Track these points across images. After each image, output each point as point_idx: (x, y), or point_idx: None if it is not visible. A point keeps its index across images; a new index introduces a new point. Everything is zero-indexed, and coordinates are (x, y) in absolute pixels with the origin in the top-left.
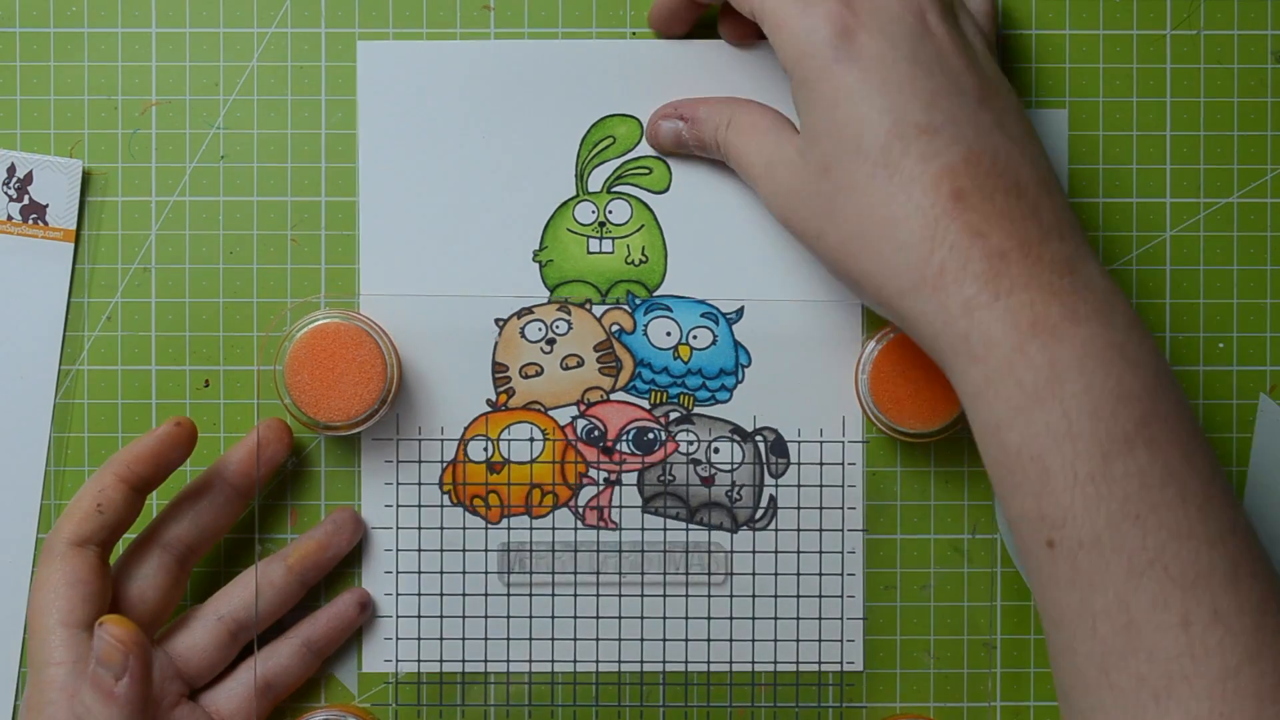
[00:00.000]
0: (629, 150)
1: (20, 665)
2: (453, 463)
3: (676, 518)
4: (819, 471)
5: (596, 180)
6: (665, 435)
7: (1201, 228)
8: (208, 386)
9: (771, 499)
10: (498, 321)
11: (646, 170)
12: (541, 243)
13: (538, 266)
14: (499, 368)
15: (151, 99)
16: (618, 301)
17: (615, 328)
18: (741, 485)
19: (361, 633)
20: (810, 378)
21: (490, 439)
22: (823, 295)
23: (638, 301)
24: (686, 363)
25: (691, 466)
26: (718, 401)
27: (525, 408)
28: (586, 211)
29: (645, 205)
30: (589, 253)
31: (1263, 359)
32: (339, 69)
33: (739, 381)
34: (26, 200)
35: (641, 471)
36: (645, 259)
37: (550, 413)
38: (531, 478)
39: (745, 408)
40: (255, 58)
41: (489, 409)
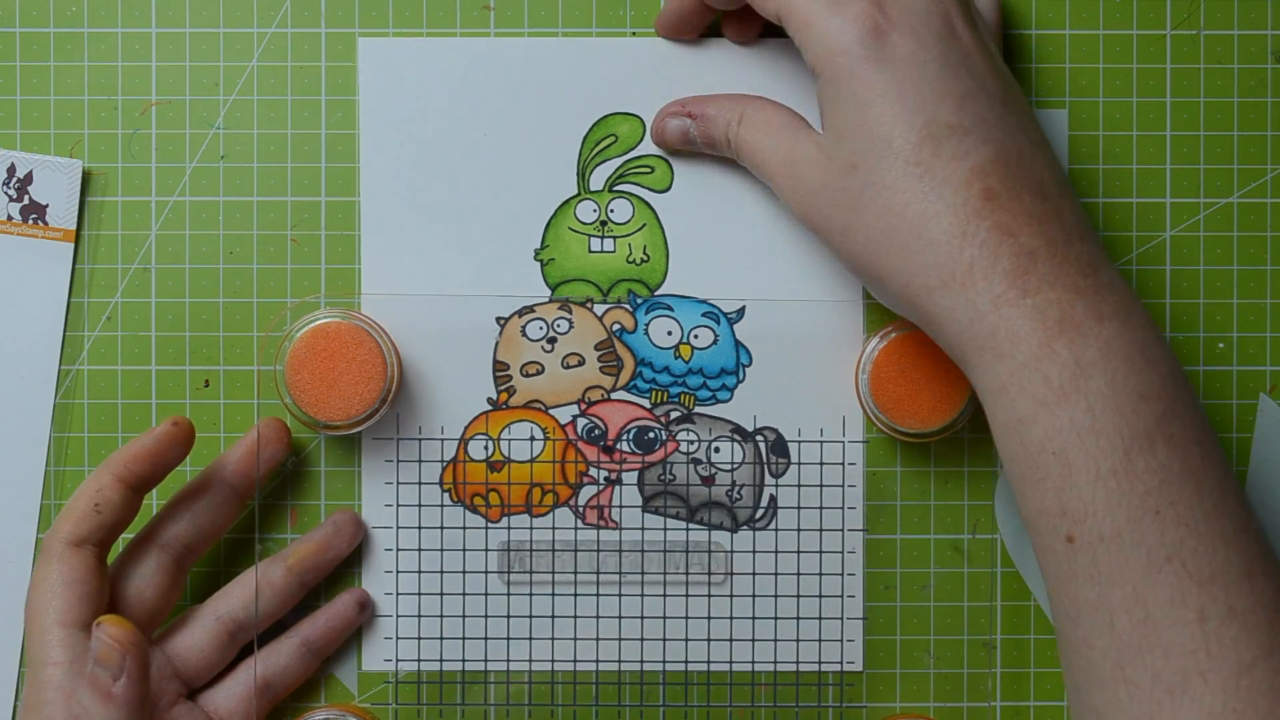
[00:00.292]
0: (631, 149)
1: (20, 665)
2: (453, 462)
3: (676, 518)
4: (819, 471)
5: (598, 179)
6: (666, 435)
7: (1201, 228)
8: (208, 386)
9: (772, 499)
10: (499, 320)
11: (648, 169)
12: (543, 241)
13: (539, 265)
14: (500, 366)
15: (151, 99)
16: (619, 300)
17: (616, 327)
18: (741, 485)
19: (361, 632)
20: (811, 378)
21: (491, 438)
22: (824, 295)
23: (639, 300)
24: (687, 362)
25: (691, 466)
26: (718, 401)
27: (526, 406)
28: (588, 210)
29: (647, 204)
30: (590, 252)
31: (1263, 359)
32: (339, 69)
33: (740, 381)
34: (26, 200)
35: (641, 471)
36: (647, 258)
37: (551, 412)
38: (532, 477)
39: (746, 407)
40: (255, 58)
41: (490, 408)
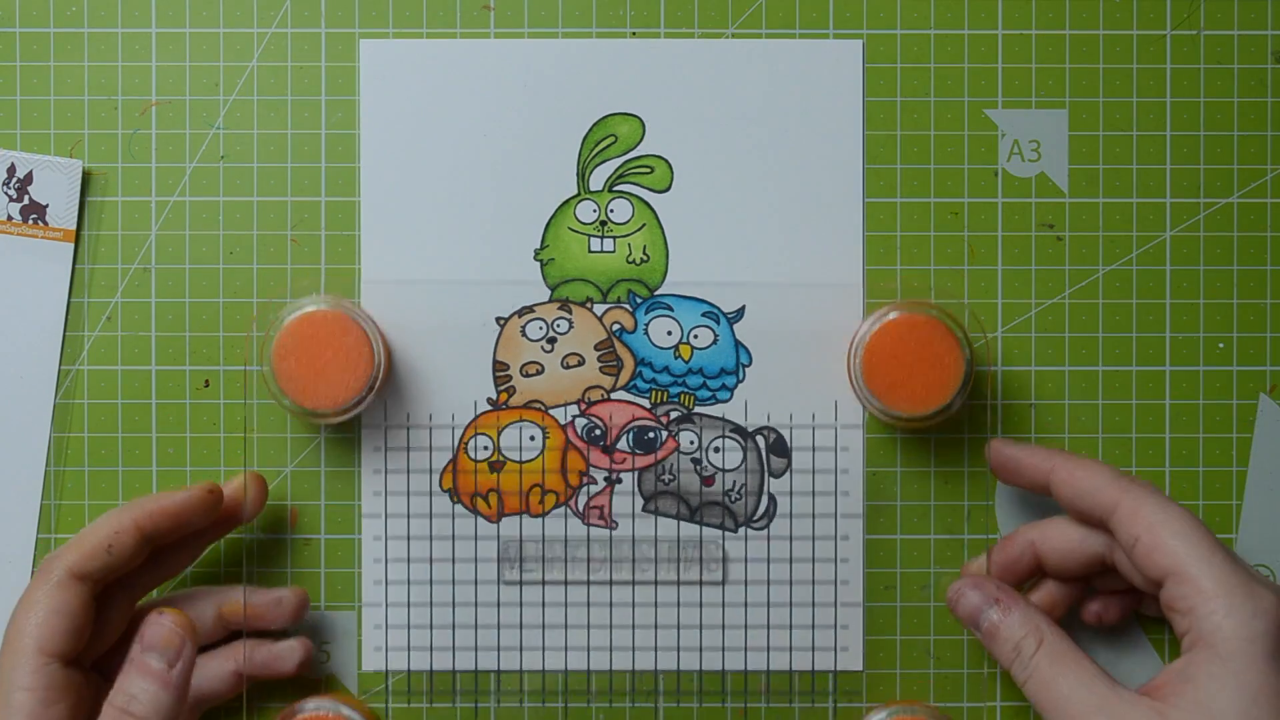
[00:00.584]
0: (631, 149)
1: None
2: (453, 461)
3: (676, 518)
4: (815, 460)
5: (598, 179)
6: (666, 434)
7: (1201, 228)
8: (208, 386)
9: (771, 499)
10: (499, 320)
11: (648, 169)
12: (543, 241)
13: (539, 265)
14: (500, 366)
15: (151, 99)
16: (619, 300)
17: (616, 327)
18: (741, 485)
19: (361, 632)
20: (811, 378)
21: (491, 437)
22: (824, 294)
23: (639, 300)
24: (687, 362)
25: (692, 466)
26: (718, 401)
27: (526, 406)
28: (588, 210)
29: (647, 204)
30: (590, 252)
31: (1263, 359)
32: (339, 69)
33: (740, 381)
34: (26, 200)
35: (641, 471)
36: (646, 258)
37: (551, 411)
38: (522, 479)
39: (746, 406)
40: (255, 58)
41: (490, 407)
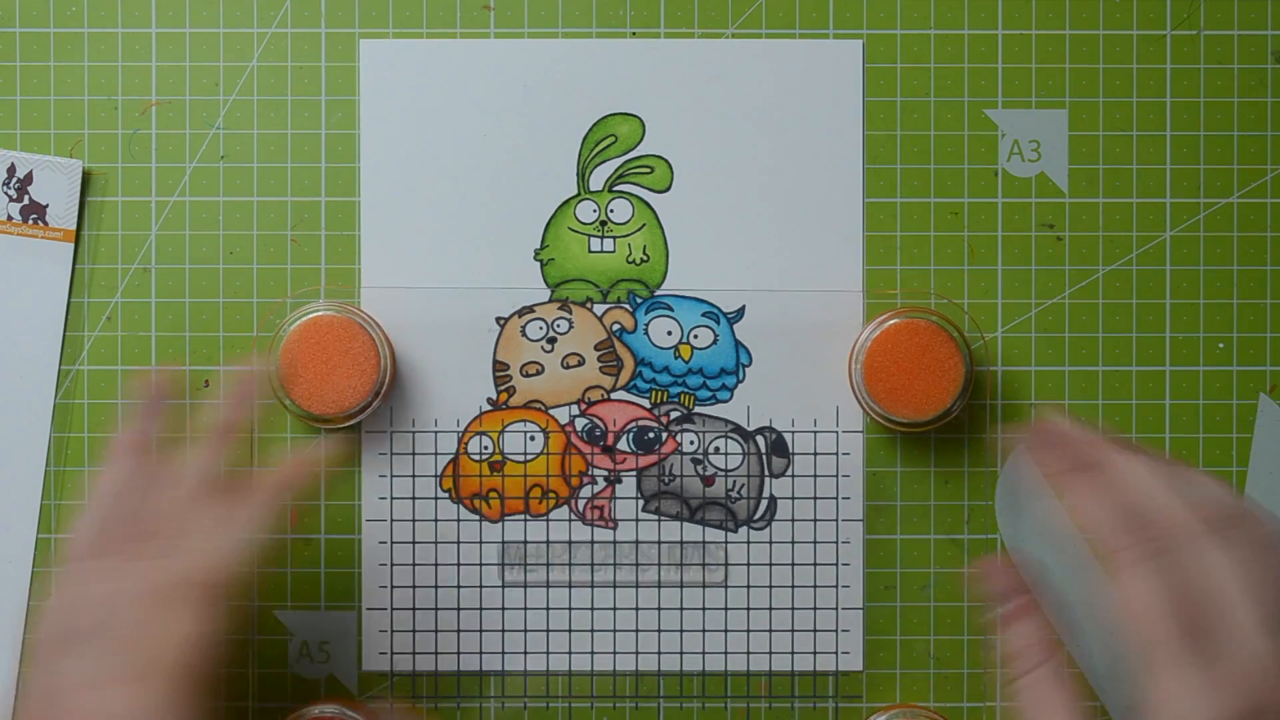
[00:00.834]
0: (631, 149)
1: (20, 663)
2: (453, 461)
3: (676, 517)
4: (816, 464)
5: (598, 179)
6: (666, 434)
7: (1201, 228)
8: (208, 386)
9: (771, 499)
10: (499, 320)
11: (648, 169)
12: (543, 241)
13: (539, 265)
14: (500, 366)
15: (151, 99)
16: (619, 300)
17: (616, 327)
18: (741, 485)
19: (361, 632)
20: (811, 378)
21: (491, 437)
22: (824, 294)
23: (639, 300)
24: (687, 362)
25: (692, 466)
26: (718, 401)
27: (526, 406)
28: (588, 210)
29: (647, 204)
30: (590, 252)
31: (1263, 359)
32: (339, 69)
33: (740, 381)
34: (26, 200)
35: (641, 471)
36: (646, 258)
37: (551, 411)
38: (528, 477)
39: (746, 407)
40: (255, 58)
41: (490, 407)
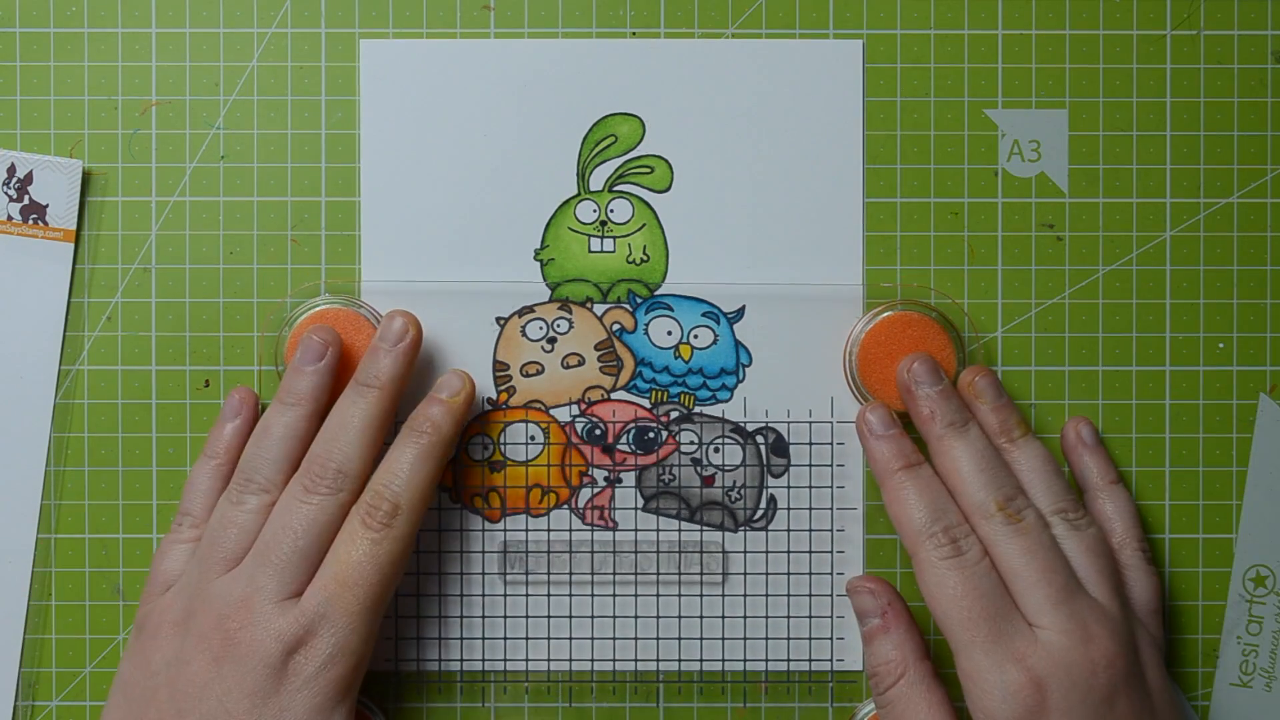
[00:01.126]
0: (631, 149)
1: (20, 664)
2: (453, 461)
3: (676, 518)
4: (812, 454)
5: (598, 179)
6: (666, 434)
7: (1201, 228)
8: (208, 386)
9: (771, 499)
10: (499, 320)
11: (648, 169)
12: (543, 241)
13: (539, 265)
14: (500, 366)
15: (151, 99)
16: (619, 300)
17: (616, 327)
18: (741, 485)
19: None
20: (811, 378)
21: (491, 438)
22: (824, 294)
23: (639, 300)
24: (687, 362)
25: (692, 466)
26: (718, 401)
27: (526, 406)
28: (588, 210)
29: (647, 204)
30: (590, 251)
31: (1263, 359)
32: (339, 69)
33: (740, 381)
34: (26, 200)
35: (641, 471)
36: (646, 258)
37: (551, 411)
38: (528, 478)
39: (746, 407)
40: (255, 58)
41: (490, 408)
